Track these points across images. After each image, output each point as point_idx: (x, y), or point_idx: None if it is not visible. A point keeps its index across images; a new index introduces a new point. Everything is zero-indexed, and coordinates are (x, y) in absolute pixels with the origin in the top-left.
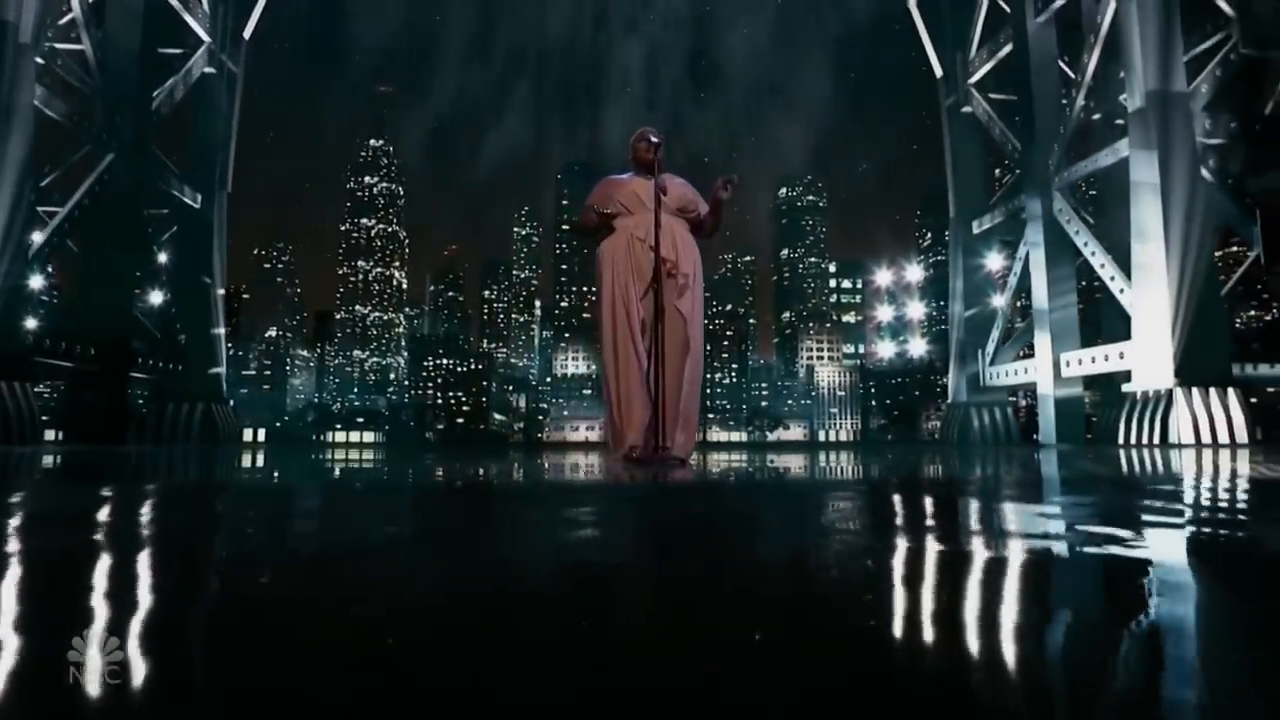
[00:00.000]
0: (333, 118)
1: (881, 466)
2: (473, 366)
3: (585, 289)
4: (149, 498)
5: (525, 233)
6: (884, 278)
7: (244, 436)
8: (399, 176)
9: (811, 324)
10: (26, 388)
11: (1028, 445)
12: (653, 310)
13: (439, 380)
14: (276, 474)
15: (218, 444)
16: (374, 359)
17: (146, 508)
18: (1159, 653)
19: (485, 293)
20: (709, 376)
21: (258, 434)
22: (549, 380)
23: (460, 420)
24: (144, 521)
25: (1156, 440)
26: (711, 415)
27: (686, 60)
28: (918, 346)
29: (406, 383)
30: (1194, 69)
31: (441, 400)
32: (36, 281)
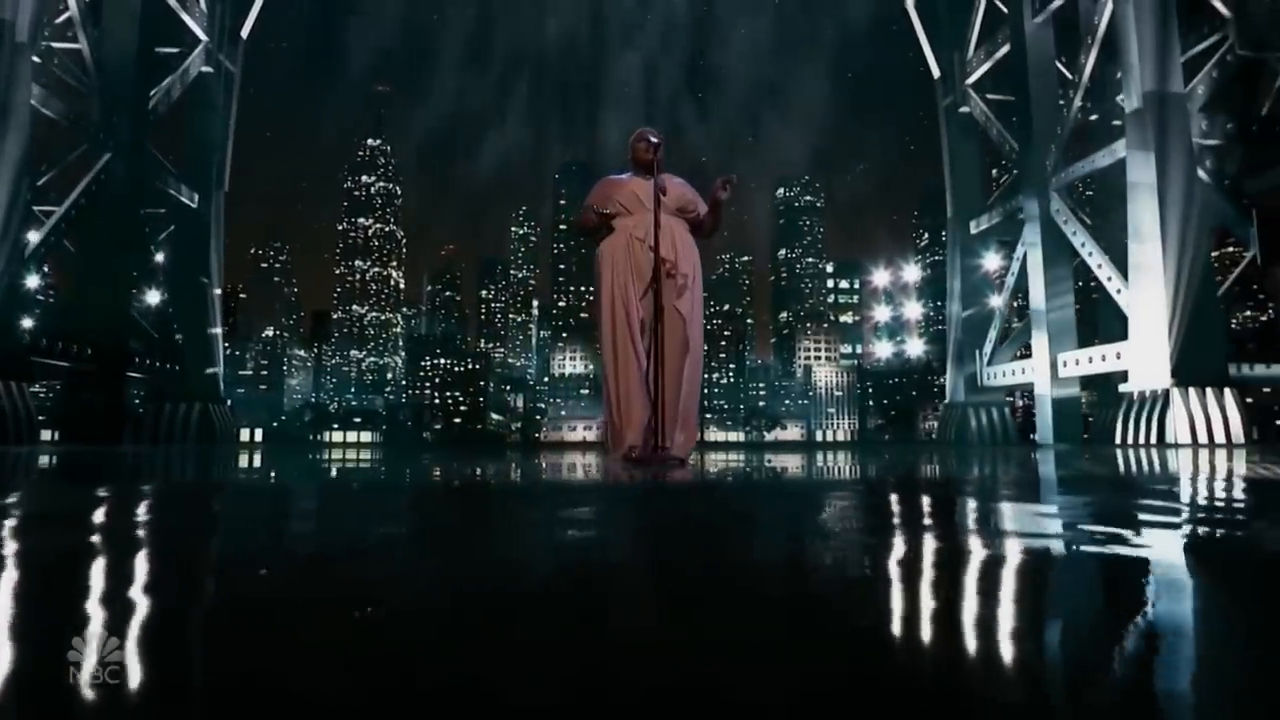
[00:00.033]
0: (330, 117)
1: (879, 466)
2: (470, 366)
3: (583, 289)
4: (146, 498)
5: (523, 232)
6: (881, 278)
7: (241, 437)
8: (396, 176)
9: (809, 324)
10: (23, 387)
11: (1025, 445)
12: (652, 310)
13: (436, 380)
14: (274, 474)
15: (215, 444)
16: (371, 359)
17: (143, 509)
18: (1156, 652)
19: (483, 292)
20: (706, 376)
21: (254, 434)
22: (546, 380)
23: (457, 420)
24: (140, 522)
25: (1153, 440)
26: (709, 415)
27: (684, 60)
28: (915, 346)
29: (404, 382)
30: (1191, 70)
31: (439, 400)
32: (33, 281)
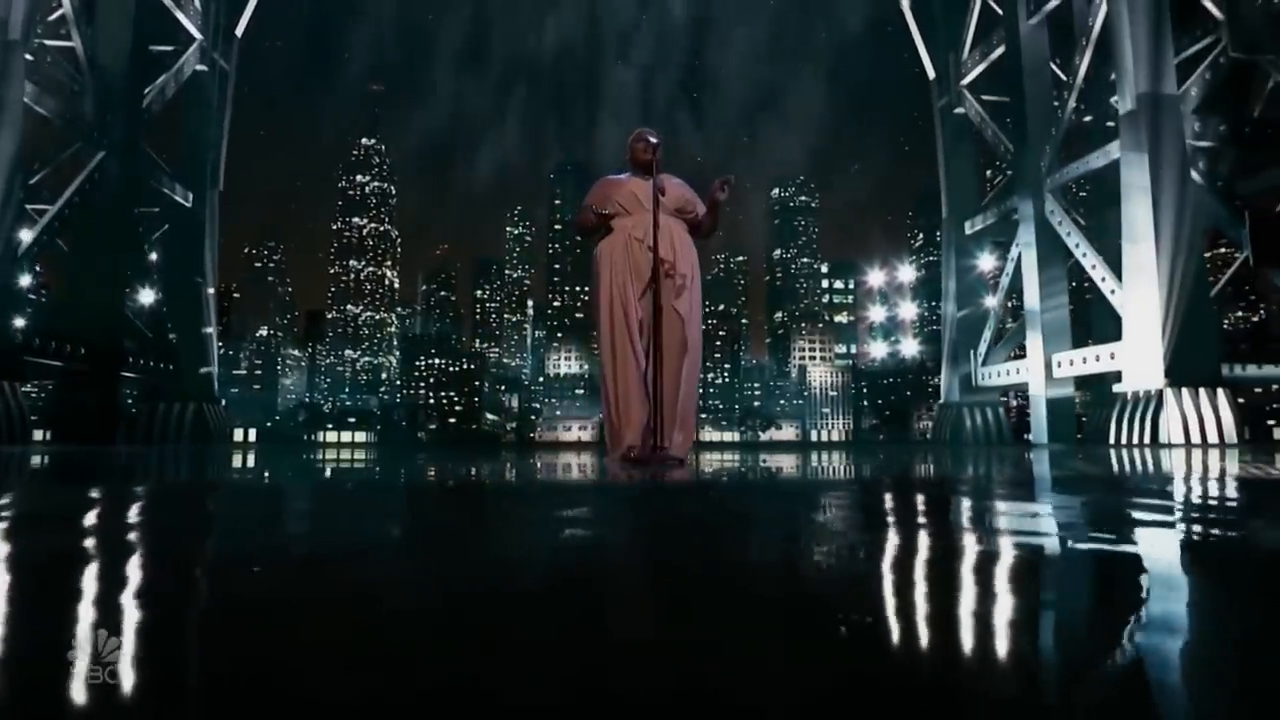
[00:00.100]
0: (325, 116)
1: (874, 466)
2: (465, 366)
3: (578, 289)
4: (139, 499)
5: (518, 232)
6: (876, 278)
7: (235, 437)
8: (391, 175)
9: (804, 324)
10: (15, 387)
11: (1019, 445)
12: (651, 310)
13: (431, 380)
14: (268, 474)
15: (209, 444)
16: (366, 358)
17: (136, 509)
18: (1150, 649)
19: (477, 292)
20: (701, 376)
21: (249, 434)
22: (541, 380)
23: (452, 420)
24: (134, 523)
25: (1147, 440)
26: (704, 415)
27: (680, 61)
28: (910, 347)
29: (398, 382)
30: (1184, 72)
31: (433, 400)
32: (26, 280)
